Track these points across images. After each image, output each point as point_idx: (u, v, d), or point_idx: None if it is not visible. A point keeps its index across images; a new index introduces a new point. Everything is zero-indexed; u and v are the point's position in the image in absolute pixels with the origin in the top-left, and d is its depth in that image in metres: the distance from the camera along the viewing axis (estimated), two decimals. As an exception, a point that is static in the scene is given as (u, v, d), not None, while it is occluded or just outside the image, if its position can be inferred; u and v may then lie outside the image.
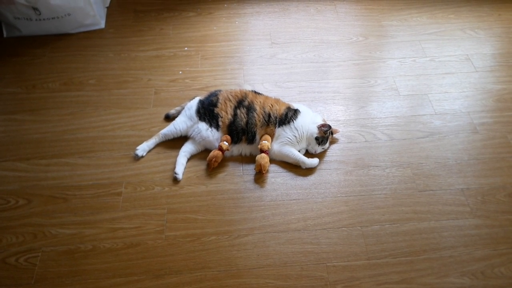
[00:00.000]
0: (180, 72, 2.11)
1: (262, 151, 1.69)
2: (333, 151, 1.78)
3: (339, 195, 1.64)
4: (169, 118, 1.88)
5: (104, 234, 1.53)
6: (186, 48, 2.23)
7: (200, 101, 1.81)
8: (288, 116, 1.74)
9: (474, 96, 1.99)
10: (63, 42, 2.27)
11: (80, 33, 2.31)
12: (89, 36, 2.31)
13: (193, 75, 2.09)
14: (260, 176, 1.70)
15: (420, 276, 1.42)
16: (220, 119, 1.75)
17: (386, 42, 2.25)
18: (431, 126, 1.86)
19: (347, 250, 1.49)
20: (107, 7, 2.46)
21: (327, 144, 1.76)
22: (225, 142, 1.71)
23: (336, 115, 1.91)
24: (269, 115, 1.74)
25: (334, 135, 1.80)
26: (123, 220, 1.57)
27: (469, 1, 2.49)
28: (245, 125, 1.73)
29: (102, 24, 2.35)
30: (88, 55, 2.20)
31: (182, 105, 1.89)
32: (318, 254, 1.48)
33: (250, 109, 1.75)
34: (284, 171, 1.72)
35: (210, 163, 1.70)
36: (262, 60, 2.17)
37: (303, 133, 1.72)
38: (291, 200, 1.62)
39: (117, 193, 1.65)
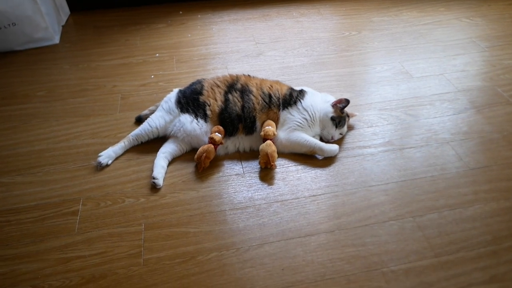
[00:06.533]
0: (152, 76, 1.76)
1: (266, 138, 1.31)
2: (353, 137, 1.42)
3: (373, 184, 1.24)
4: (141, 120, 1.48)
5: (51, 268, 1.04)
6: (157, 55, 1.90)
7: (181, 91, 1.44)
8: (293, 96, 1.39)
9: (493, 71, 1.74)
10: (6, 59, 1.89)
11: (29, 49, 1.95)
12: (40, 52, 1.95)
13: (168, 77, 1.75)
14: (266, 173, 1.29)
15: (516, 269, 1.01)
16: (207, 107, 1.36)
17: (381, 34, 2.03)
18: (459, 102, 1.57)
19: (404, 249, 1.06)
20: (63, 26, 2.15)
21: (345, 128, 1.40)
22: (217, 133, 1.31)
23: (346, 102, 1.58)
24: (270, 96, 1.38)
25: (350, 120, 1.45)
26: (80, 245, 1.09)
27: (456, -4, 2.39)
28: (241, 110, 1.35)
29: (56, 40, 2.00)
30: (38, 69, 1.82)
31: (157, 104, 1.51)
32: (366, 258, 1.04)
33: (244, 91, 1.38)
34: (296, 164, 1.32)
35: (200, 160, 1.28)
36: (248, 58, 1.87)
37: (315, 114, 1.36)
38: (312, 195, 1.21)
39: (71, 212, 1.18)
